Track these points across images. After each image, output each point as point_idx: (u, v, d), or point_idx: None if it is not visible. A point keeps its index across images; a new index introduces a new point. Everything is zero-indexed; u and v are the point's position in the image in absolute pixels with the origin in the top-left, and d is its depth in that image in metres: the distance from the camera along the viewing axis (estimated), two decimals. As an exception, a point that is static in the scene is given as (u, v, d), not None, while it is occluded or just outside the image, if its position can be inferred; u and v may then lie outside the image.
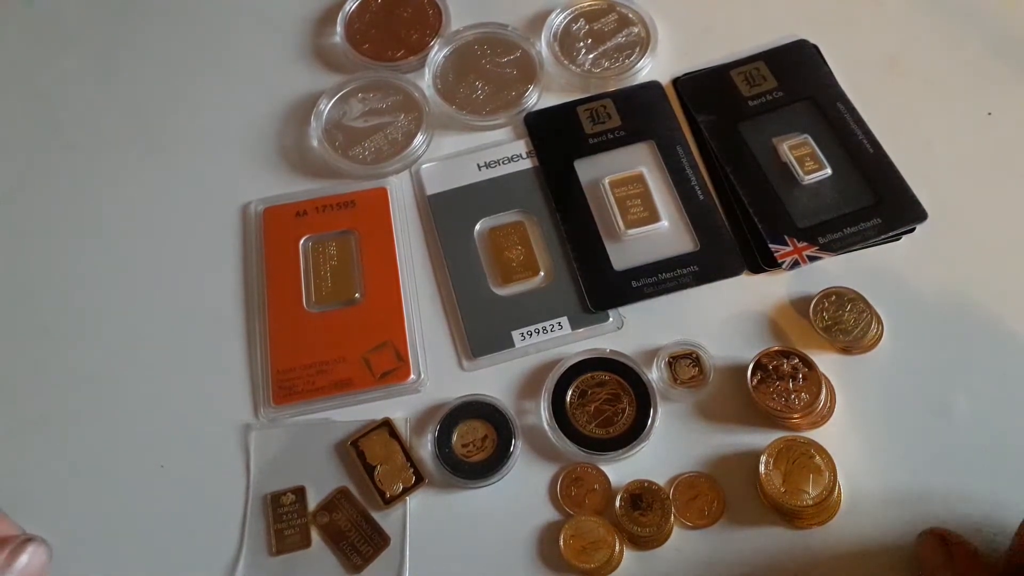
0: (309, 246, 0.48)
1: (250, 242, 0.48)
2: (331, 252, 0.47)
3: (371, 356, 0.44)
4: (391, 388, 0.44)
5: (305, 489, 0.41)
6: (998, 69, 0.51)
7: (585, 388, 0.43)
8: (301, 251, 0.48)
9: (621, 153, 0.50)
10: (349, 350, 0.45)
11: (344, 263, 0.47)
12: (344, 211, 0.49)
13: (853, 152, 0.48)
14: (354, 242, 0.48)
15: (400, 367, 0.44)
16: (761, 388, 0.42)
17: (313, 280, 0.47)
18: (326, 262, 0.47)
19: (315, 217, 0.48)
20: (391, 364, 0.44)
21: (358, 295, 0.46)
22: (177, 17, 0.57)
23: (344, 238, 0.48)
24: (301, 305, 0.46)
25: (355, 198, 0.49)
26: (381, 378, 0.44)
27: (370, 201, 0.49)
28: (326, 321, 0.46)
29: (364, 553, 0.40)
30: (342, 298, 0.46)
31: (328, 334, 0.45)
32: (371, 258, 0.47)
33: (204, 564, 0.40)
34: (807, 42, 0.53)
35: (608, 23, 0.54)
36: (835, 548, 0.39)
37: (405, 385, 0.44)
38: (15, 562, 0.34)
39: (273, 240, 0.48)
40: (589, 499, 0.41)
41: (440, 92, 0.52)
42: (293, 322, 0.46)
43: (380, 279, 0.47)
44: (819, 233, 0.46)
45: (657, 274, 0.46)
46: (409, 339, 0.45)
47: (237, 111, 0.53)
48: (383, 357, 0.44)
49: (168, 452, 0.43)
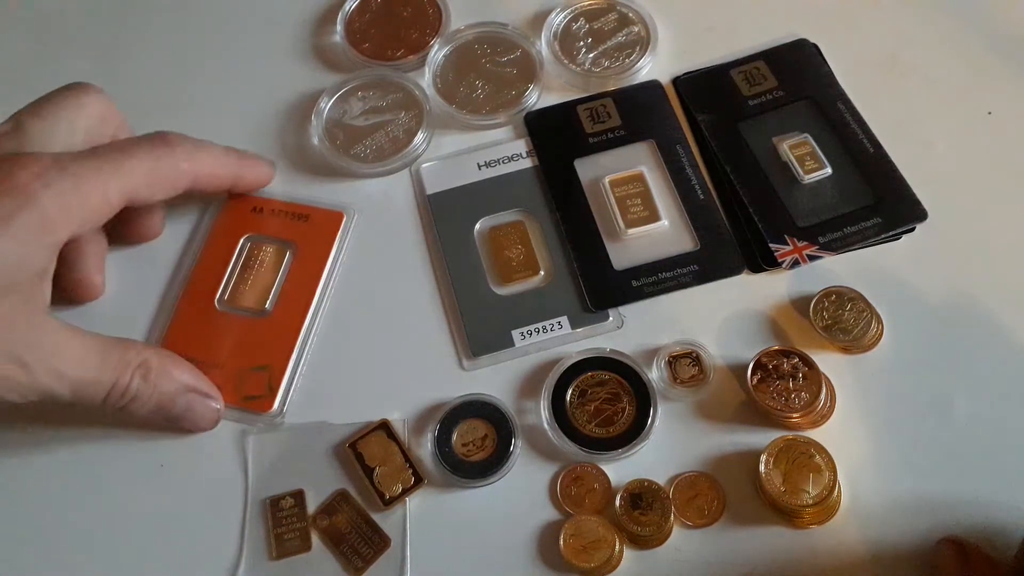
0: (247, 244, 0.47)
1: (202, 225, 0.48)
2: (263, 257, 0.47)
3: (247, 374, 0.44)
4: (247, 414, 0.43)
5: (304, 492, 0.41)
6: (998, 69, 0.51)
7: (585, 387, 0.43)
8: (238, 247, 0.47)
9: (621, 152, 0.50)
10: (231, 360, 0.44)
11: (270, 273, 0.46)
12: (296, 222, 0.48)
13: (853, 152, 0.48)
14: (288, 255, 0.47)
15: (266, 397, 0.43)
16: (761, 387, 0.42)
17: (235, 280, 0.46)
18: (255, 265, 0.46)
19: (268, 219, 0.48)
20: (259, 390, 0.43)
21: (268, 308, 0.45)
22: (177, 16, 0.57)
23: (280, 248, 0.47)
24: (213, 301, 0.45)
25: (312, 213, 0.48)
26: (243, 400, 0.43)
27: (323, 222, 0.48)
28: (229, 323, 0.45)
29: (365, 555, 0.40)
30: (252, 306, 0.45)
31: (222, 336, 0.44)
32: (296, 277, 0.46)
33: (204, 570, 0.40)
34: (807, 41, 0.53)
35: (608, 22, 0.54)
36: (835, 548, 0.39)
37: (263, 416, 0.43)
38: (199, 400, 0.42)
39: (221, 229, 0.47)
40: (589, 498, 0.41)
41: (440, 91, 0.52)
42: (199, 314, 0.45)
43: (294, 301, 0.46)
44: (819, 232, 0.46)
45: (657, 273, 0.46)
46: (289, 370, 0.44)
47: (237, 110, 0.53)
48: (256, 380, 0.44)
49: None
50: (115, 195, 0.39)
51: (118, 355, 0.39)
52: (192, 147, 0.42)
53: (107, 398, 0.38)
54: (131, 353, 0.39)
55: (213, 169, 0.44)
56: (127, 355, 0.39)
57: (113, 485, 0.42)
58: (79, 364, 0.38)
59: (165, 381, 0.40)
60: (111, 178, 0.38)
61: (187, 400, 0.41)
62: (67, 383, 0.37)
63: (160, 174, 0.41)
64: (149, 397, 0.40)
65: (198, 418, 0.42)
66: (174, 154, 0.41)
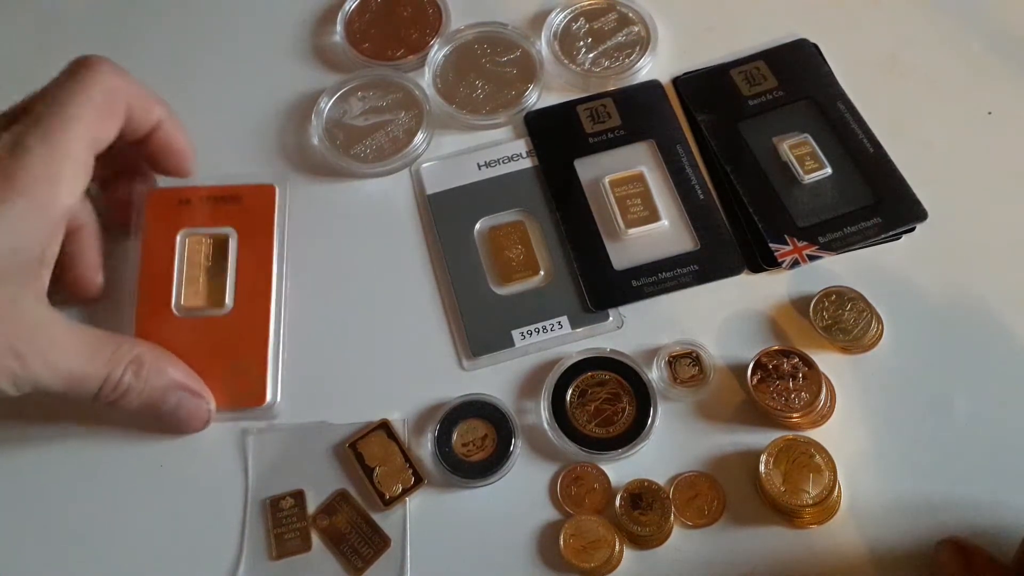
0: (186, 241, 0.44)
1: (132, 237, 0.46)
2: (206, 251, 0.44)
3: (230, 374, 0.43)
4: (243, 412, 0.43)
5: (304, 492, 0.41)
6: (998, 68, 0.51)
7: (585, 387, 0.43)
8: (178, 246, 0.44)
9: (621, 152, 0.50)
10: (209, 363, 0.43)
11: (218, 266, 0.44)
12: (229, 206, 0.45)
13: (853, 151, 0.48)
14: (232, 243, 0.45)
15: (257, 391, 0.43)
16: (761, 387, 0.42)
17: (185, 282, 0.44)
18: (201, 261, 0.44)
19: (198, 208, 0.45)
20: (247, 387, 0.43)
21: (228, 303, 0.44)
22: (177, 16, 0.57)
23: (221, 237, 0.45)
24: (170, 308, 0.43)
25: (241, 193, 0.46)
26: (234, 400, 0.43)
27: (256, 199, 0.46)
28: (191, 328, 0.43)
29: (365, 555, 0.40)
30: (212, 305, 0.44)
31: (192, 343, 0.43)
32: (247, 264, 0.44)
33: (204, 570, 0.40)
34: (807, 41, 0.53)
35: (608, 22, 0.54)
36: (835, 548, 0.39)
37: (258, 410, 0.43)
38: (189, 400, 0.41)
39: (153, 231, 0.44)
40: (589, 498, 0.41)
41: (440, 91, 0.52)
42: (161, 325, 0.43)
43: (252, 289, 0.44)
44: (819, 232, 0.46)
45: (657, 273, 0.46)
46: (271, 361, 0.43)
47: (237, 110, 0.53)
48: (241, 378, 0.43)
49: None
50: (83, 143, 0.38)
51: (111, 349, 0.39)
52: (114, 66, 0.40)
53: (99, 392, 0.39)
54: (124, 348, 0.39)
55: (140, 89, 0.41)
56: (120, 350, 0.39)
57: (113, 485, 0.42)
58: (73, 357, 0.38)
59: (157, 377, 0.40)
60: (69, 126, 0.37)
61: (178, 398, 0.41)
62: (61, 376, 0.37)
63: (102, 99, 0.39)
64: (140, 392, 0.40)
65: (188, 416, 0.42)
66: (101, 69, 0.39)
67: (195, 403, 0.42)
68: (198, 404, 0.42)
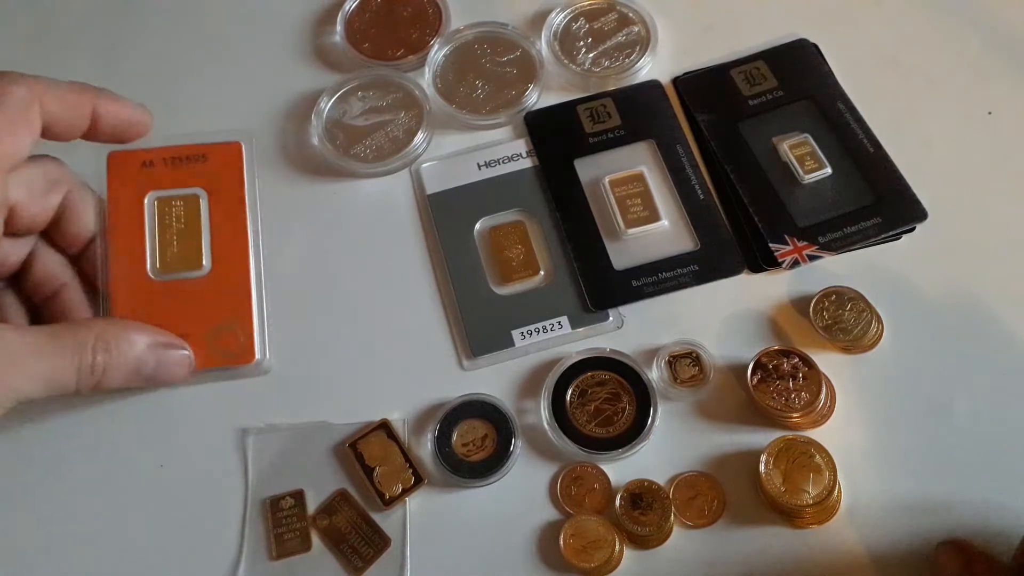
0: (155, 204, 0.44)
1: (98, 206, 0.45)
2: (177, 213, 0.44)
3: (216, 333, 0.42)
4: (234, 370, 0.43)
5: (304, 492, 0.41)
6: (998, 68, 0.51)
7: (585, 387, 0.43)
8: (147, 209, 0.44)
9: (621, 152, 0.50)
10: (194, 325, 0.42)
11: (192, 227, 0.44)
12: (194, 165, 0.44)
13: (853, 151, 0.48)
14: (203, 203, 0.44)
15: (244, 348, 0.42)
16: (761, 387, 0.42)
17: (159, 245, 0.43)
18: (173, 224, 0.43)
19: (163, 170, 0.44)
20: (234, 345, 0.42)
21: (206, 264, 0.43)
22: (177, 17, 0.57)
23: (192, 198, 0.44)
24: (145, 272, 0.43)
25: (206, 152, 0.45)
26: (224, 358, 0.42)
27: (223, 157, 0.45)
28: (170, 291, 0.43)
29: (365, 555, 0.40)
30: (188, 267, 0.43)
31: (172, 306, 0.42)
32: (220, 224, 0.44)
33: (204, 570, 0.40)
34: (807, 41, 0.53)
35: (608, 22, 0.54)
36: (835, 547, 0.39)
37: (248, 367, 0.43)
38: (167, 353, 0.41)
39: (117, 195, 0.44)
40: (589, 498, 0.41)
41: (440, 91, 0.52)
42: (137, 290, 0.43)
43: (229, 248, 0.44)
44: (819, 232, 0.46)
45: (657, 273, 0.46)
46: (256, 317, 0.43)
47: (237, 110, 0.53)
48: (228, 336, 0.42)
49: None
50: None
51: (70, 337, 0.39)
52: (22, 75, 0.39)
53: (78, 382, 0.38)
54: (82, 331, 0.39)
55: (57, 89, 0.40)
56: (79, 335, 0.39)
57: (113, 485, 0.42)
58: (40, 357, 0.37)
59: (128, 347, 0.40)
60: None
61: (156, 357, 0.41)
62: (38, 379, 0.37)
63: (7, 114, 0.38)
64: (118, 367, 0.40)
65: (173, 369, 0.42)
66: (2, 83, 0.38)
67: (174, 355, 0.42)
68: (177, 354, 0.42)
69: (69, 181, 0.43)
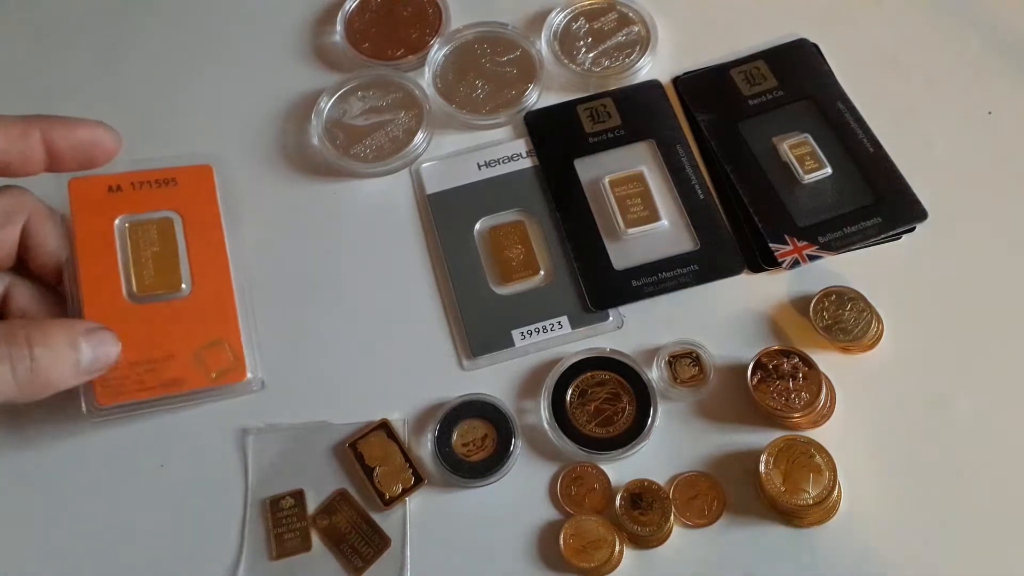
0: (127, 228, 0.43)
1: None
2: (152, 236, 0.43)
3: (204, 353, 0.42)
4: (227, 388, 0.42)
5: (304, 492, 0.41)
6: (998, 68, 0.51)
7: (585, 387, 0.43)
8: (117, 234, 0.43)
9: (621, 152, 0.50)
10: (179, 346, 0.42)
11: (168, 250, 0.43)
12: (164, 189, 0.44)
13: (853, 151, 0.48)
14: (177, 226, 0.44)
15: (236, 366, 0.42)
16: (761, 387, 0.42)
17: (133, 268, 0.42)
18: (147, 247, 0.43)
19: (131, 194, 0.44)
20: (226, 363, 0.42)
21: (185, 286, 0.43)
22: (176, 17, 0.57)
23: (165, 221, 0.44)
24: (121, 296, 0.42)
25: (176, 175, 0.44)
26: (216, 378, 0.42)
27: (193, 180, 0.45)
28: (150, 314, 0.42)
29: (365, 555, 0.40)
30: (168, 288, 0.43)
31: (154, 329, 0.42)
32: (197, 246, 0.44)
33: (204, 570, 0.40)
34: (807, 41, 0.53)
35: (608, 22, 0.54)
36: (835, 547, 0.39)
37: (242, 385, 0.42)
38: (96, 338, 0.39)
39: (84, 222, 0.43)
40: (589, 498, 0.41)
41: (440, 91, 0.52)
42: (113, 315, 0.41)
43: (208, 269, 0.43)
44: (819, 232, 0.46)
45: (657, 273, 0.46)
46: (244, 337, 0.43)
47: (237, 111, 0.53)
48: (217, 355, 0.42)
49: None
50: None
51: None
52: None
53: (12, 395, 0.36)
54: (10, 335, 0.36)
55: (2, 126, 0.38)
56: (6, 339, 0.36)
57: (113, 485, 0.42)
58: None
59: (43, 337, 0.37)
60: None
61: (88, 344, 0.38)
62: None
63: None
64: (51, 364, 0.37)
65: (105, 350, 0.39)
66: None
67: (100, 336, 0.39)
68: (101, 335, 0.39)
69: (28, 209, 0.41)
